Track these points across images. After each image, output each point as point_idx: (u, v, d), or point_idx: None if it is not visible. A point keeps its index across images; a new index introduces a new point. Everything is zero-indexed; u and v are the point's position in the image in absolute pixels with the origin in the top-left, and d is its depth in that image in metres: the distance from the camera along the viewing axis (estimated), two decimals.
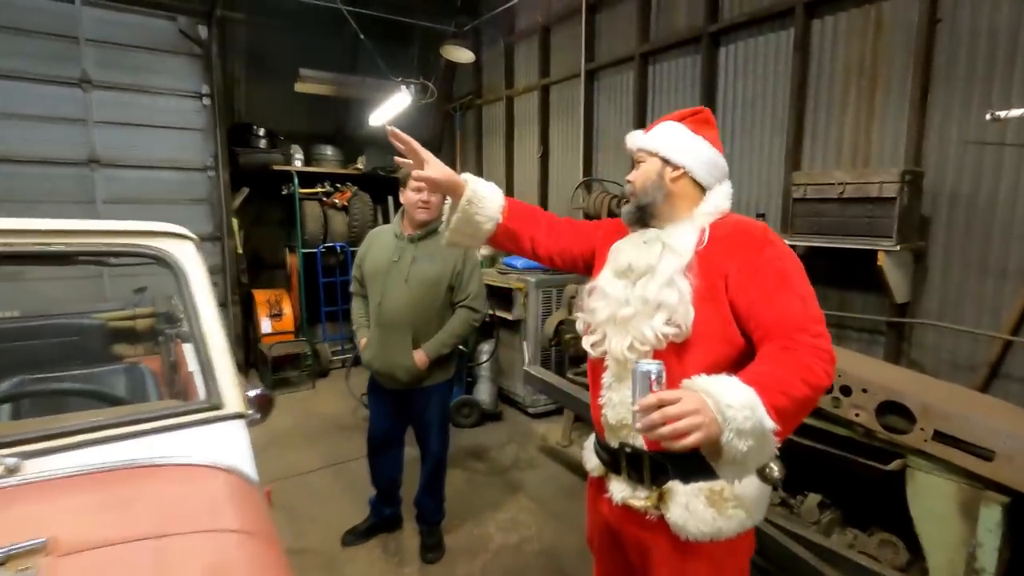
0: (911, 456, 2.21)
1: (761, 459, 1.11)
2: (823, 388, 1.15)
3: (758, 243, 1.29)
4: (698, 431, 1.02)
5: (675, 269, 1.29)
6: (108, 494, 1.02)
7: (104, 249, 1.34)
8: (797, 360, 1.13)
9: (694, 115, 1.44)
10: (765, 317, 1.22)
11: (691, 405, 1.03)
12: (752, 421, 1.04)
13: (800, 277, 1.27)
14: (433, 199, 2.50)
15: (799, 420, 1.18)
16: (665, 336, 1.26)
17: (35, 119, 4.52)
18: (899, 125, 3.02)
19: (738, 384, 1.08)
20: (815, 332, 1.18)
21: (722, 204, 1.39)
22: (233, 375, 1.37)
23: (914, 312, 3.03)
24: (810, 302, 1.23)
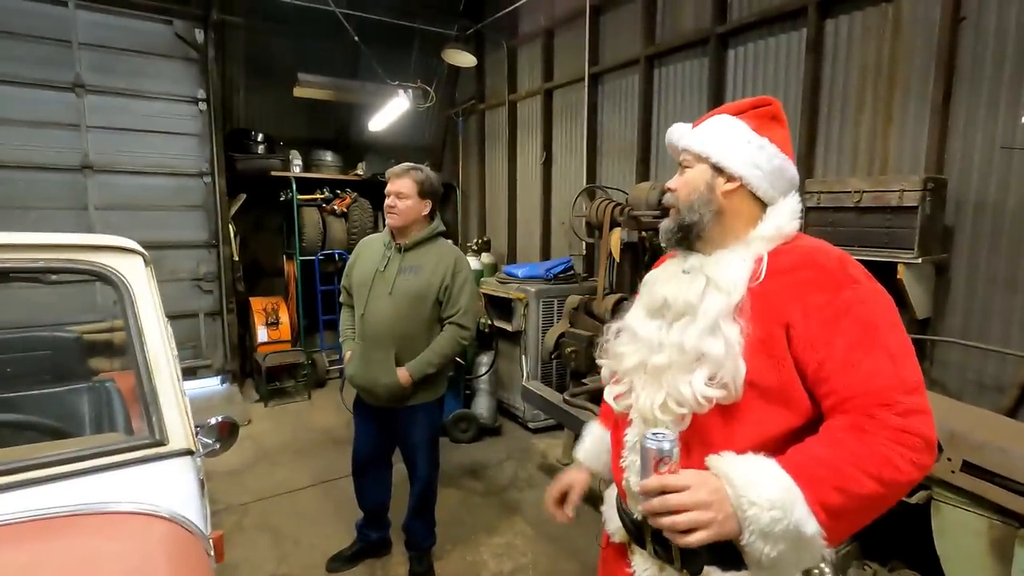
0: (937, 488, 2.04)
1: (801, 564, 0.91)
2: (905, 484, 0.89)
3: (834, 281, 0.98)
4: (705, 529, 0.86)
5: (721, 311, 0.99)
6: (13, 553, 0.87)
7: (40, 265, 1.21)
8: (871, 448, 0.88)
9: (757, 108, 1.12)
10: (838, 383, 0.93)
11: (700, 496, 0.87)
12: (784, 524, 0.85)
13: (891, 326, 0.97)
14: (399, 204, 2.38)
15: (866, 520, 0.93)
16: (708, 399, 0.98)
17: (27, 124, 4.43)
18: (919, 130, 2.85)
19: (774, 474, 0.88)
20: (905, 408, 0.89)
21: (786, 226, 1.07)
22: (181, 407, 1.23)
23: (936, 329, 2.85)
24: (903, 362, 0.93)
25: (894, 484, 0.88)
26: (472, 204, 6.85)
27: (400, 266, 2.41)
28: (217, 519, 3.15)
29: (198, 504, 1.18)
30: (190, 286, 5.20)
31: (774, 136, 1.10)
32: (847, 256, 1.04)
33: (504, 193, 6.10)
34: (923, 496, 2.05)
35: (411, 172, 2.43)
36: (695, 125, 1.17)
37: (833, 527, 0.87)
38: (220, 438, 1.45)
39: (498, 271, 5.22)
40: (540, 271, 4.57)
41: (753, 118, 1.11)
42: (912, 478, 0.89)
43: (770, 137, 1.10)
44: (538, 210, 5.57)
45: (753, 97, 1.15)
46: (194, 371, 5.15)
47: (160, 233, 4.98)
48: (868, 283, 1.00)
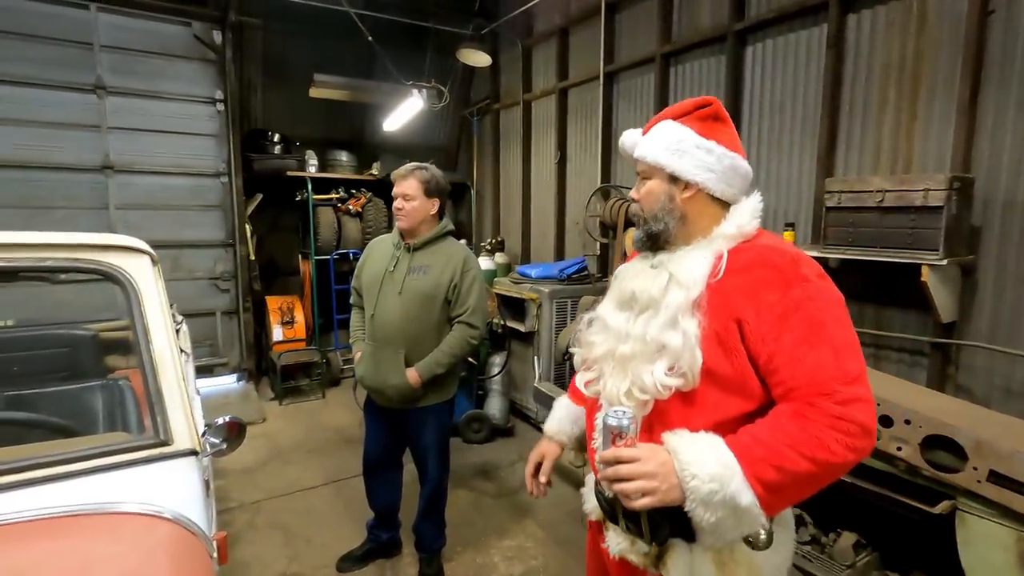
0: (961, 498, 1.97)
1: (741, 531, 1.02)
2: (839, 465, 0.98)
3: (784, 280, 1.06)
4: (650, 495, 0.99)
5: (680, 306, 1.08)
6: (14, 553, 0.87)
7: (48, 264, 1.21)
8: (806, 431, 0.97)
9: (699, 110, 1.16)
10: (786, 374, 1.02)
11: (648, 467, 0.99)
12: (721, 495, 0.96)
13: (837, 321, 1.05)
14: (406, 206, 2.36)
15: (804, 494, 1.04)
16: (667, 387, 1.07)
17: (51, 125, 4.52)
18: (945, 128, 2.76)
19: (715, 450, 1.00)
20: (843, 397, 0.98)
21: (747, 225, 1.14)
22: (186, 407, 1.22)
23: (962, 333, 2.76)
24: (845, 356, 1.02)
25: (827, 465, 0.97)
26: (486, 204, 6.83)
27: (409, 266, 2.40)
28: (230, 516, 3.18)
29: (202, 505, 1.18)
30: (207, 285, 5.27)
31: (721, 137, 1.16)
32: (801, 255, 1.11)
33: (518, 193, 6.08)
34: (947, 506, 1.98)
35: (416, 172, 2.40)
36: (645, 130, 1.22)
37: (770, 500, 0.99)
38: (227, 438, 1.45)
39: (512, 271, 5.19)
40: (554, 271, 4.54)
41: (697, 121, 1.16)
42: (846, 460, 0.98)
43: (717, 138, 1.15)
44: (552, 210, 5.53)
45: (695, 98, 1.19)
46: (211, 369, 5.21)
47: (178, 232, 5.06)
48: (818, 281, 1.07)
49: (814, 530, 2.51)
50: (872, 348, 3.11)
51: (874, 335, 3.07)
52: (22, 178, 4.46)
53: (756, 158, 3.68)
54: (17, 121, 4.40)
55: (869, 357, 3.11)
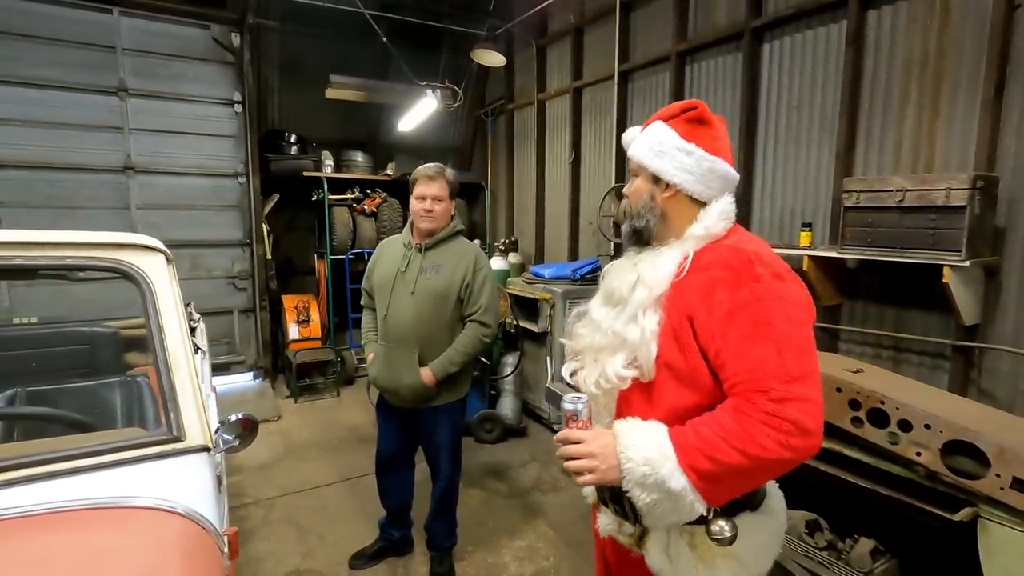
0: (984, 505, 1.92)
1: (680, 514, 1.08)
2: (776, 461, 1.01)
3: (735, 279, 1.09)
4: (590, 474, 1.09)
5: (641, 303, 1.16)
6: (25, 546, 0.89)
7: (67, 263, 1.24)
8: (742, 426, 1.01)
9: (684, 114, 1.21)
10: (730, 370, 1.07)
11: (590, 448, 1.10)
12: (652, 478, 1.04)
13: (786, 319, 1.06)
14: (437, 208, 2.36)
15: (744, 486, 1.10)
16: (624, 378, 1.17)
17: (75, 127, 4.63)
18: (968, 126, 2.69)
19: (654, 436, 1.07)
20: (779, 395, 1.00)
21: (714, 227, 1.19)
22: (199, 404, 1.24)
23: (985, 336, 2.69)
24: (789, 353, 1.03)
25: (758, 459, 1.00)
26: (500, 204, 6.84)
27: (421, 266, 2.40)
28: (245, 512, 3.23)
29: (213, 500, 1.19)
30: (225, 284, 5.35)
31: (701, 140, 1.19)
32: (761, 254, 1.13)
33: (532, 193, 6.07)
34: (968, 513, 1.93)
35: (444, 173, 2.41)
36: (643, 128, 1.27)
37: (707, 488, 1.04)
38: (240, 435, 1.46)
39: (525, 271, 5.19)
40: (567, 272, 4.52)
41: (681, 124, 1.21)
42: (780, 456, 1.00)
43: (697, 141, 1.19)
44: (566, 210, 5.52)
45: (684, 101, 1.24)
46: (228, 367, 5.29)
47: (197, 232, 5.15)
48: (771, 281, 1.09)
49: (830, 536, 2.46)
50: (892, 351, 3.04)
51: (894, 337, 3.01)
52: (48, 179, 4.58)
53: (773, 157, 3.63)
54: (43, 123, 4.52)
55: (888, 360, 3.05)
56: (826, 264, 3.06)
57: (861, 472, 2.18)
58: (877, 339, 3.09)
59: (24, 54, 4.40)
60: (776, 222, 3.62)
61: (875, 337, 3.10)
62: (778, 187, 3.62)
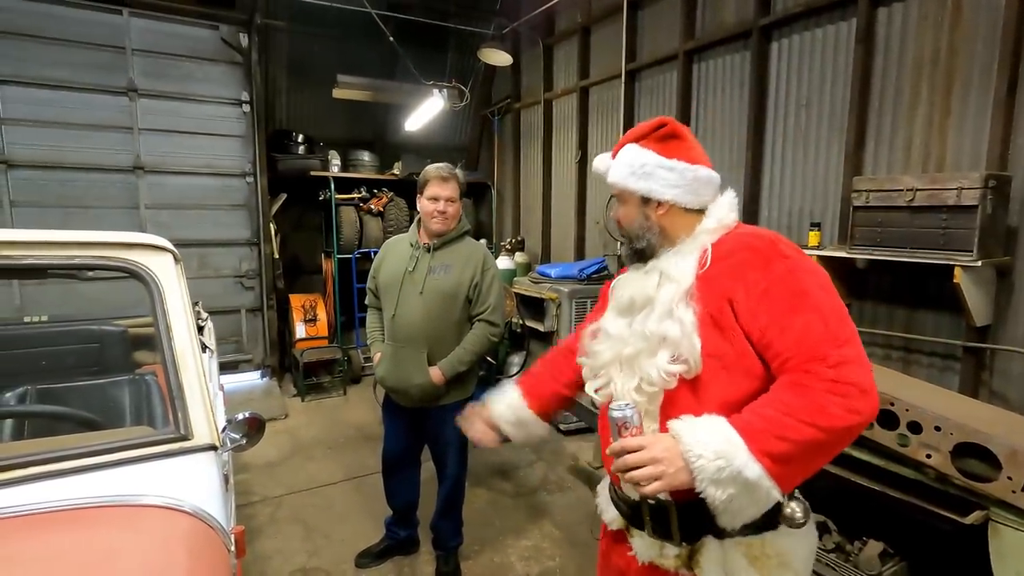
0: (995, 508, 1.89)
1: (757, 507, 1.04)
2: (846, 429, 0.99)
3: (765, 258, 1.11)
4: (659, 480, 1.01)
5: (673, 298, 1.14)
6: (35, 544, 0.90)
7: (75, 262, 1.25)
8: (805, 398, 0.99)
9: (656, 132, 1.23)
10: (779, 345, 1.05)
11: (653, 452, 1.02)
12: (728, 471, 0.99)
13: (821, 289, 1.09)
14: (450, 209, 2.36)
15: (815, 464, 1.06)
16: (672, 375, 1.12)
17: (85, 127, 4.67)
18: (980, 124, 2.66)
19: (718, 429, 1.02)
20: (836, 360, 1.00)
21: (726, 217, 1.22)
22: (206, 402, 1.25)
23: (996, 337, 2.66)
24: (833, 319, 1.04)
25: (831, 430, 0.98)
26: (507, 203, 6.84)
27: (430, 265, 2.41)
28: (253, 510, 3.24)
29: (220, 499, 1.20)
30: (233, 283, 5.38)
31: (680, 153, 1.21)
32: (779, 236, 1.17)
33: (539, 193, 6.06)
34: (979, 516, 1.91)
35: (456, 174, 2.42)
36: (614, 153, 1.28)
37: (780, 471, 1.00)
38: (247, 433, 1.47)
39: (531, 271, 5.18)
40: (573, 271, 4.51)
41: (656, 142, 1.22)
42: (849, 423, 0.98)
43: (678, 156, 1.21)
44: (573, 209, 5.50)
45: (652, 119, 1.25)
46: (235, 365, 5.32)
47: (205, 231, 5.18)
48: (797, 256, 1.13)
49: (839, 538, 2.44)
50: (902, 352, 3.02)
51: (904, 338, 2.98)
52: (58, 178, 4.63)
53: (781, 156, 3.61)
54: (54, 123, 4.56)
55: (898, 361, 3.03)
56: (835, 264, 3.03)
57: (870, 474, 2.16)
58: (887, 340, 3.07)
59: (35, 55, 4.44)
60: (784, 222, 3.60)
61: (885, 338, 3.07)
62: (786, 186, 3.59)
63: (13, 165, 4.45)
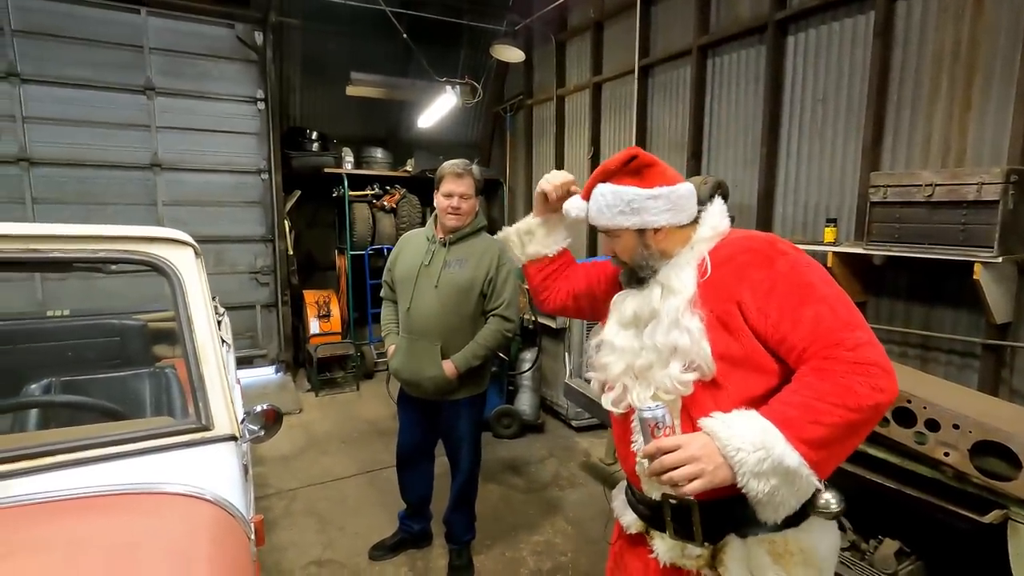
0: (1014, 507, 1.87)
1: (798, 497, 1.05)
2: (874, 407, 1.01)
3: (766, 257, 1.14)
4: (699, 478, 1.01)
5: (679, 308, 1.15)
6: (63, 529, 0.92)
7: (100, 256, 1.28)
8: (832, 382, 1.01)
9: (628, 166, 1.24)
10: (794, 338, 1.07)
11: (691, 451, 1.02)
12: (769, 461, 0.99)
13: (823, 281, 1.12)
14: (464, 205, 2.37)
15: (851, 444, 1.07)
16: (685, 383, 1.14)
17: (105, 125, 4.75)
18: (1002, 119, 2.62)
19: (752, 421, 1.03)
20: (853, 343, 1.02)
21: (720, 224, 1.25)
22: (226, 394, 1.27)
23: (1017, 334, 2.62)
24: (841, 307, 1.08)
25: (861, 408, 0.99)
26: (519, 200, 6.83)
27: (445, 260, 2.42)
28: (268, 503, 3.29)
29: (240, 488, 1.22)
30: (248, 279, 5.45)
31: (657, 179, 1.22)
32: (774, 236, 1.21)
33: None
34: (998, 515, 1.89)
35: (471, 171, 2.43)
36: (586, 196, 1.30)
37: (818, 457, 1.01)
38: (265, 425, 1.49)
39: None
40: None
41: (632, 176, 1.23)
42: (877, 400, 1.00)
43: (657, 183, 1.22)
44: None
45: (618, 154, 1.26)
46: (250, 360, 5.39)
47: (221, 228, 5.25)
48: (795, 253, 1.16)
49: (854, 536, 2.43)
50: (919, 349, 2.98)
51: (921, 335, 2.94)
52: (79, 176, 4.71)
53: (797, 152, 3.57)
54: (75, 122, 4.65)
55: (916, 359, 2.99)
56: (851, 260, 3.00)
57: (886, 472, 2.14)
58: (904, 337, 3.03)
59: (56, 54, 4.52)
60: (800, 218, 3.57)
61: (902, 335, 3.03)
62: (802, 182, 3.56)
63: (35, 163, 4.55)
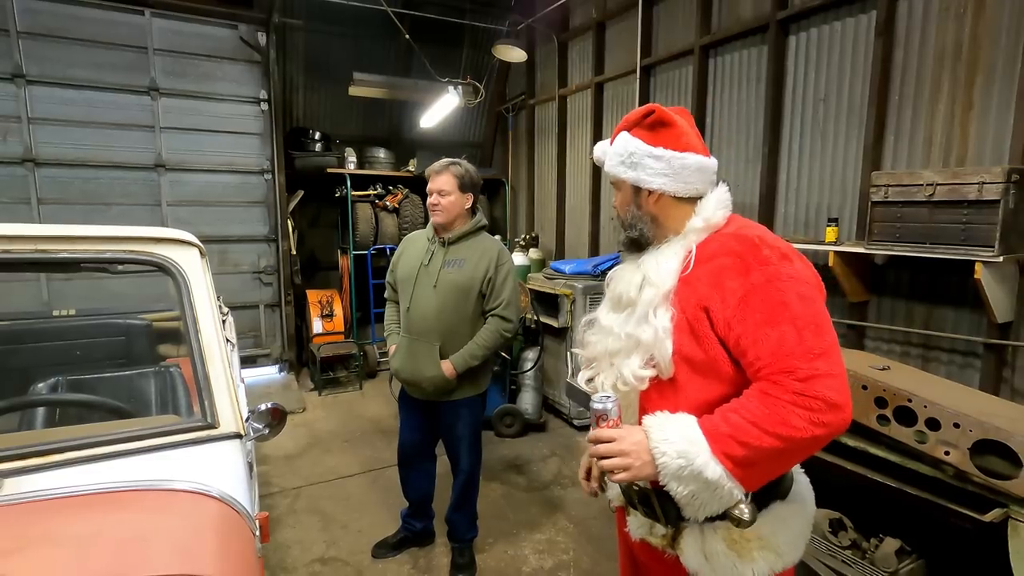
0: (1015, 506, 1.87)
1: (720, 503, 1.08)
2: (809, 440, 1.02)
3: (744, 265, 1.11)
4: (625, 471, 1.09)
5: (652, 302, 1.16)
6: (73, 524, 0.94)
7: (106, 256, 1.29)
8: (769, 408, 1.02)
9: (644, 120, 1.22)
10: (752, 355, 1.07)
11: (622, 446, 1.09)
12: (688, 469, 1.04)
13: (800, 299, 1.07)
14: (442, 201, 2.39)
15: (779, 468, 1.12)
16: (642, 379, 1.17)
17: (109, 126, 4.78)
18: (1003, 118, 2.62)
19: (684, 428, 1.08)
20: (806, 373, 1.01)
21: (713, 217, 1.20)
22: (232, 392, 1.29)
23: (1019, 333, 2.62)
24: (809, 332, 1.04)
25: (791, 440, 1.01)
26: (521, 200, 6.85)
27: (444, 259, 2.44)
28: (272, 501, 3.31)
29: (246, 486, 1.24)
30: (251, 279, 5.48)
31: (667, 141, 1.20)
32: (764, 237, 1.15)
33: (553, 188, 6.07)
34: (999, 514, 1.89)
35: (450, 168, 2.44)
36: (612, 139, 1.28)
37: (743, 474, 1.05)
38: (270, 423, 1.51)
39: (546, 267, 5.20)
40: (588, 267, 4.52)
41: (644, 130, 1.22)
42: (814, 435, 1.01)
43: (664, 144, 1.20)
44: (587, 205, 5.50)
45: (641, 107, 1.24)
46: (254, 359, 5.41)
47: (225, 228, 5.27)
48: (779, 263, 1.10)
49: (854, 535, 2.43)
50: (920, 348, 2.98)
51: (922, 335, 2.95)
52: (83, 176, 4.74)
53: (799, 151, 3.57)
54: (80, 122, 4.68)
55: (917, 358, 2.99)
56: (853, 260, 3.01)
57: (887, 471, 2.15)
58: (905, 336, 3.04)
59: (60, 55, 4.55)
60: (802, 217, 3.57)
61: (903, 334, 3.04)
62: (803, 182, 3.56)
63: (40, 163, 4.57)
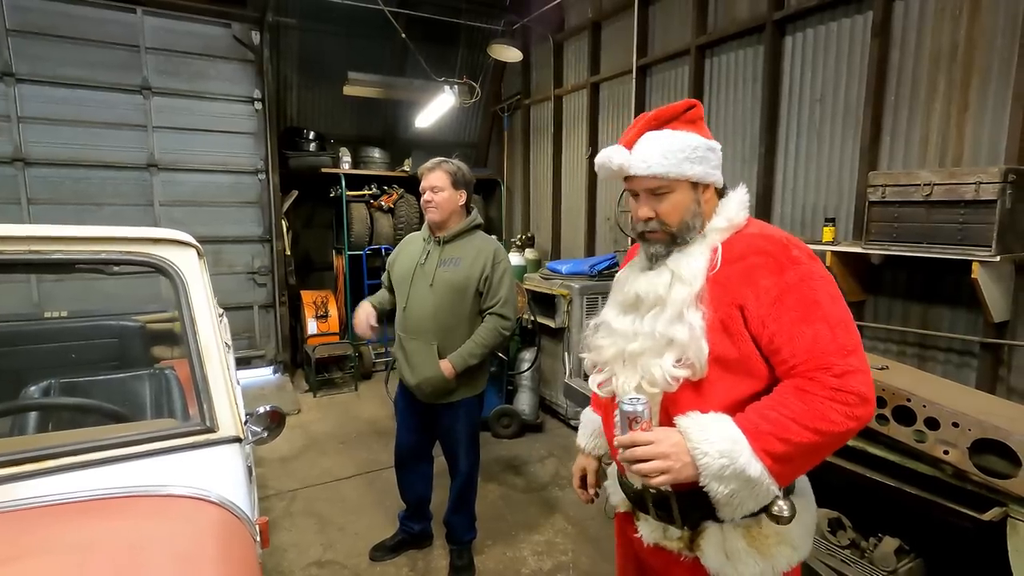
0: (1014, 505, 1.88)
1: (757, 501, 1.09)
2: (841, 434, 1.06)
3: (777, 265, 1.12)
4: (665, 474, 1.06)
5: (685, 300, 1.14)
6: (70, 531, 0.92)
7: (102, 257, 1.27)
8: (810, 405, 1.05)
9: (687, 113, 1.19)
10: (787, 352, 1.09)
11: (662, 448, 1.07)
12: (731, 468, 1.04)
13: (830, 299, 1.11)
14: (435, 197, 2.38)
15: (812, 462, 1.12)
16: (676, 379, 1.14)
17: (101, 125, 4.71)
18: (999, 118, 2.64)
19: (724, 427, 1.07)
20: (841, 369, 1.05)
21: (736, 217, 1.21)
22: (230, 395, 1.27)
23: (1015, 332, 2.63)
24: (840, 330, 1.08)
25: (829, 434, 1.04)
26: (517, 200, 6.84)
27: (440, 258, 2.42)
28: (268, 504, 3.28)
29: (245, 490, 1.22)
30: (245, 279, 5.43)
31: (707, 134, 1.21)
32: (791, 239, 1.17)
33: (549, 188, 6.06)
34: (998, 513, 1.90)
35: (442, 165, 2.44)
36: (630, 145, 1.19)
37: (780, 470, 1.06)
38: (268, 426, 1.49)
39: (542, 267, 5.18)
40: (584, 267, 4.51)
41: (690, 124, 1.19)
42: (848, 428, 1.04)
43: (711, 136, 1.21)
44: (583, 206, 5.50)
45: (675, 103, 1.21)
46: (248, 361, 5.37)
47: (218, 228, 5.22)
48: (809, 263, 1.13)
49: (853, 534, 2.44)
50: (917, 348, 3.00)
51: (920, 334, 2.96)
52: (74, 176, 4.68)
53: (795, 151, 3.58)
54: (71, 121, 4.61)
55: (914, 357, 3.01)
56: (850, 260, 3.02)
57: (886, 470, 2.15)
58: (902, 336, 3.05)
59: (51, 53, 4.49)
60: (798, 217, 3.58)
61: (900, 334, 3.05)
62: (800, 182, 3.57)
63: (30, 163, 4.51)
